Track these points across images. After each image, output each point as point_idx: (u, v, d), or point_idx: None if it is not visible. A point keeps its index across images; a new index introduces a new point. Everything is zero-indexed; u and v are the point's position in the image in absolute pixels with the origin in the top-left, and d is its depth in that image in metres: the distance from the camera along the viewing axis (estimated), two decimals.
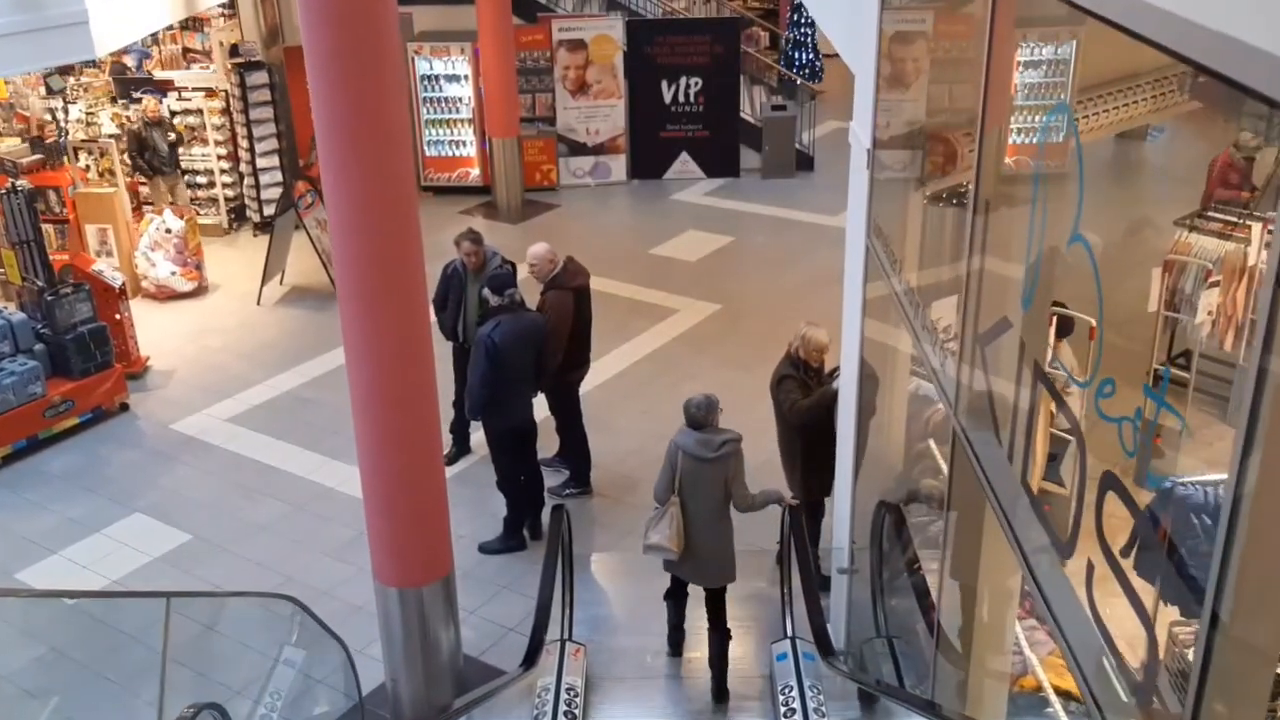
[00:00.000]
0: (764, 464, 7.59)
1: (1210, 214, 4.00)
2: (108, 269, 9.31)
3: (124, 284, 9.14)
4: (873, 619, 5.57)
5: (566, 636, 5.67)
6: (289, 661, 5.35)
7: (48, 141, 11.08)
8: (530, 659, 4.77)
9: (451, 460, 7.72)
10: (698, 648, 5.91)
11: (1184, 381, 3.31)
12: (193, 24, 14.44)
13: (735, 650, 5.81)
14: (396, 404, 4.75)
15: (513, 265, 7.24)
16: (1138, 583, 2.29)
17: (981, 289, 2.89)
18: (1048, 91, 3.24)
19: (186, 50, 12.78)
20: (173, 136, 11.42)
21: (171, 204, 11.23)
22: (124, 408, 8.63)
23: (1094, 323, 2.49)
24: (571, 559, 6.02)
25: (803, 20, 16.99)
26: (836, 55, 18.17)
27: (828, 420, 5.83)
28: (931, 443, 5.52)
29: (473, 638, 6.01)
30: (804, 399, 5.88)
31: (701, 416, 5.47)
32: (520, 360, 6.34)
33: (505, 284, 6.33)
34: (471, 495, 7.38)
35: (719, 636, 5.48)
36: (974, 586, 3.40)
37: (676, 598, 5.72)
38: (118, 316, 8.97)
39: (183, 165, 11.76)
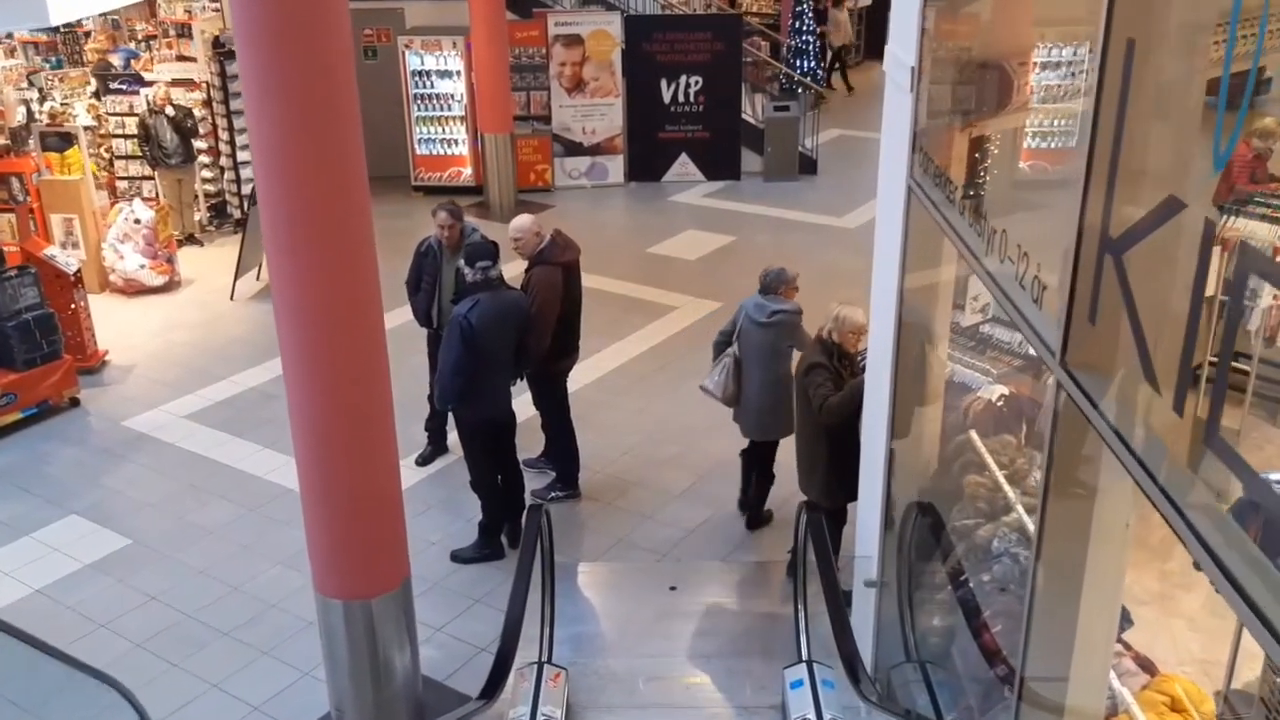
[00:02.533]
0: (776, 463, 6.88)
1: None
2: (61, 255, 8.62)
3: (79, 271, 8.45)
4: (901, 640, 4.82)
5: (545, 659, 4.92)
6: None
7: (11, 127, 10.47)
8: (491, 688, 3.96)
9: (426, 460, 7.01)
10: (698, 673, 5.17)
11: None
12: (186, 31, 13.95)
13: (738, 677, 5.08)
14: (336, 382, 4.05)
15: (495, 245, 6.55)
16: None
17: (1119, 167, 2.17)
18: None
19: (182, 58, 12.25)
20: (189, 124, 10.76)
21: (151, 199, 10.61)
22: (74, 403, 7.91)
23: None
24: (553, 568, 5.28)
25: (805, 28, 16.53)
26: (837, 67, 17.75)
27: (859, 415, 5.11)
28: (973, 434, 4.83)
29: (437, 659, 5.26)
30: (835, 393, 5.15)
31: (767, 282, 5.95)
32: (500, 344, 5.64)
33: (482, 255, 5.63)
34: (446, 498, 6.66)
35: (761, 480, 6.18)
36: (1074, 597, 2.67)
37: (745, 458, 6.29)
38: (72, 306, 8.28)
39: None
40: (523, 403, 6.57)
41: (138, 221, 9.84)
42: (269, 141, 3.74)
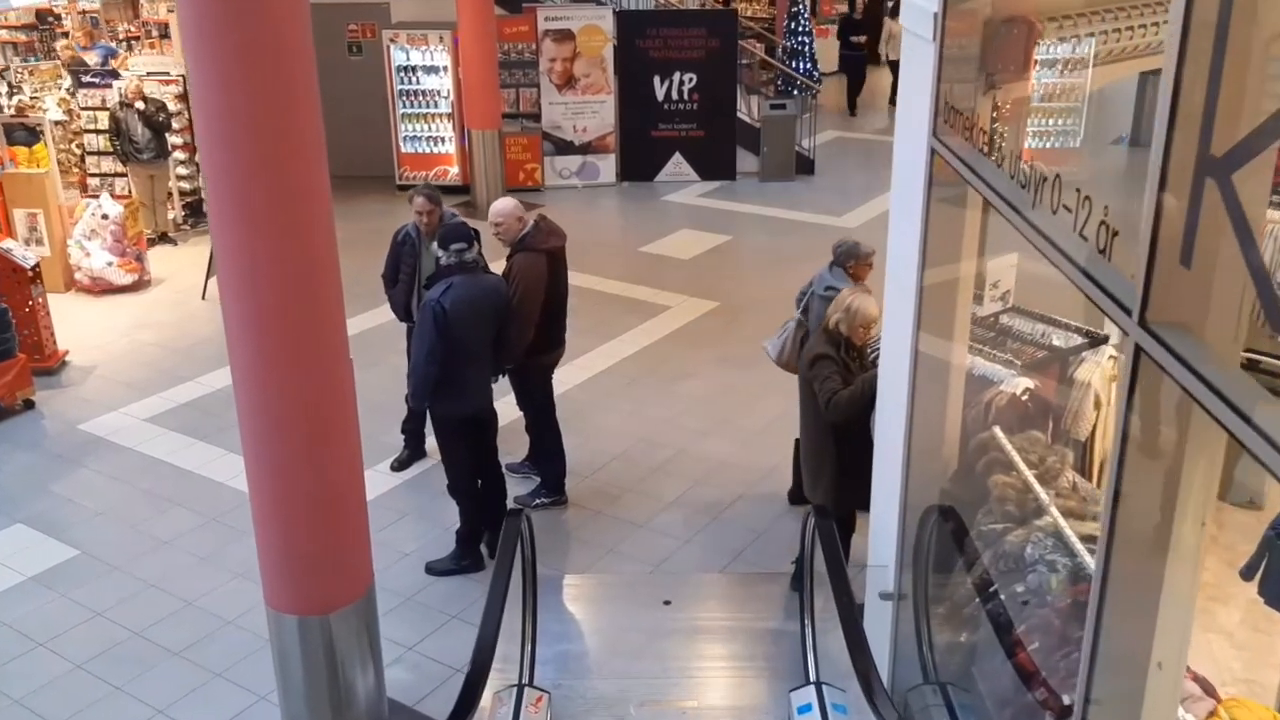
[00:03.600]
0: (773, 471, 6.47)
1: None
2: (19, 249, 8.15)
3: (37, 266, 7.97)
4: (918, 659, 4.36)
5: (526, 681, 4.44)
6: None
7: None
8: (460, 715, 3.48)
9: (403, 464, 6.54)
10: (694, 694, 4.70)
11: None
12: (169, 31, 13.53)
13: (740, 700, 4.61)
14: (288, 376, 3.59)
15: (476, 233, 6.09)
16: None
17: (1226, 54, 1.72)
18: None
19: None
20: (161, 119, 10.29)
21: (124, 196, 10.14)
22: (28, 405, 7.42)
23: None
24: (535, 580, 4.81)
25: (800, 29, 16.21)
26: (835, 72, 17.41)
27: (871, 412, 4.66)
28: (997, 430, 4.39)
29: (407, 681, 4.78)
30: (843, 388, 4.70)
31: (838, 256, 5.74)
32: (477, 333, 5.18)
33: (457, 236, 5.18)
34: (422, 505, 6.19)
35: None
36: (1149, 608, 2.21)
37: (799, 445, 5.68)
38: (30, 303, 7.81)
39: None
40: (506, 404, 6.12)
41: (105, 217, 9.37)
42: (214, 125, 3.33)
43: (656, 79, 12.40)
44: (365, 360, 8.15)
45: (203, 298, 9.33)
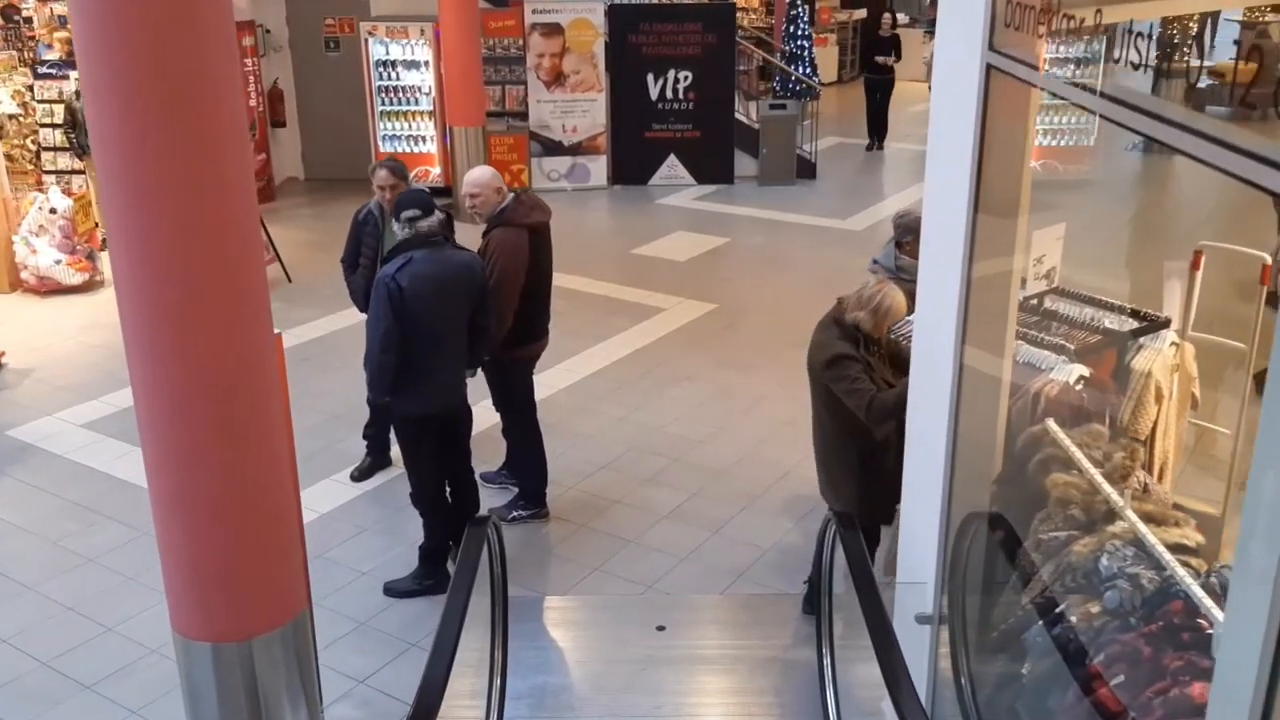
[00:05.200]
0: (780, 481, 5.80)
1: None
2: None
3: None
4: (956, 695, 3.66)
5: (495, 717, 3.73)
6: None
7: None
8: None
9: (364, 474, 5.84)
10: None
11: None
12: None
13: None
14: (190, 340, 2.91)
15: (449, 215, 5.43)
16: None
17: None
18: None
19: None
20: None
21: (82, 194, 9.48)
22: None
23: None
24: (506, 601, 4.10)
25: (800, 33, 15.73)
26: (836, 82, 16.87)
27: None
28: (1050, 423, 3.72)
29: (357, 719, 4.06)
30: (876, 389, 4.03)
31: (898, 231, 5.14)
32: (443, 317, 4.50)
33: (410, 203, 4.50)
34: (384, 518, 5.49)
35: None
36: None
37: None
38: None
39: None
40: (484, 408, 5.44)
41: (53, 211, 8.71)
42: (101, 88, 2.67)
43: (650, 77, 11.84)
44: (331, 364, 7.50)
45: None
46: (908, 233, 4.91)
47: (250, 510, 3.15)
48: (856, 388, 4.05)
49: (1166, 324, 4.30)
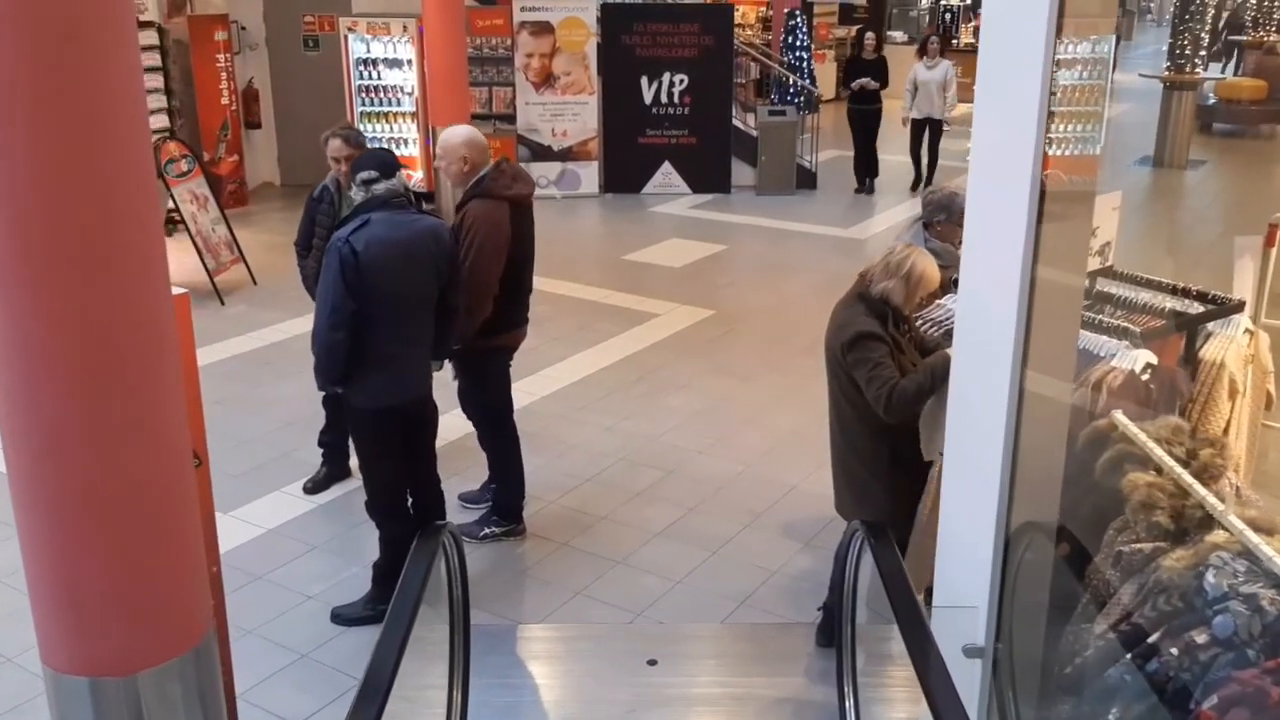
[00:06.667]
0: (787, 496, 5.18)
1: None
2: None
3: None
4: None
5: None
6: None
7: None
8: None
9: (318, 486, 5.19)
10: None
11: None
12: None
13: None
14: (55, 301, 2.29)
15: (418, 197, 4.83)
16: None
17: None
18: None
19: None
20: None
21: None
22: None
23: None
24: (468, 630, 3.44)
25: (798, 44, 15.33)
26: (835, 99, 16.25)
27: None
28: (1119, 416, 3.11)
29: None
30: (899, 376, 3.45)
31: (927, 211, 4.48)
32: (405, 290, 3.88)
33: (368, 163, 3.89)
34: (338, 536, 4.84)
35: None
36: None
37: None
38: None
39: None
40: (456, 416, 4.83)
41: None
42: None
43: (644, 79, 11.33)
44: (292, 368, 6.84)
45: None
46: (939, 211, 4.32)
47: (136, 512, 2.50)
48: (878, 374, 3.45)
49: (1240, 308, 3.72)
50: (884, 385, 3.45)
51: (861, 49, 11.81)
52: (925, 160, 11.52)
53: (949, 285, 4.18)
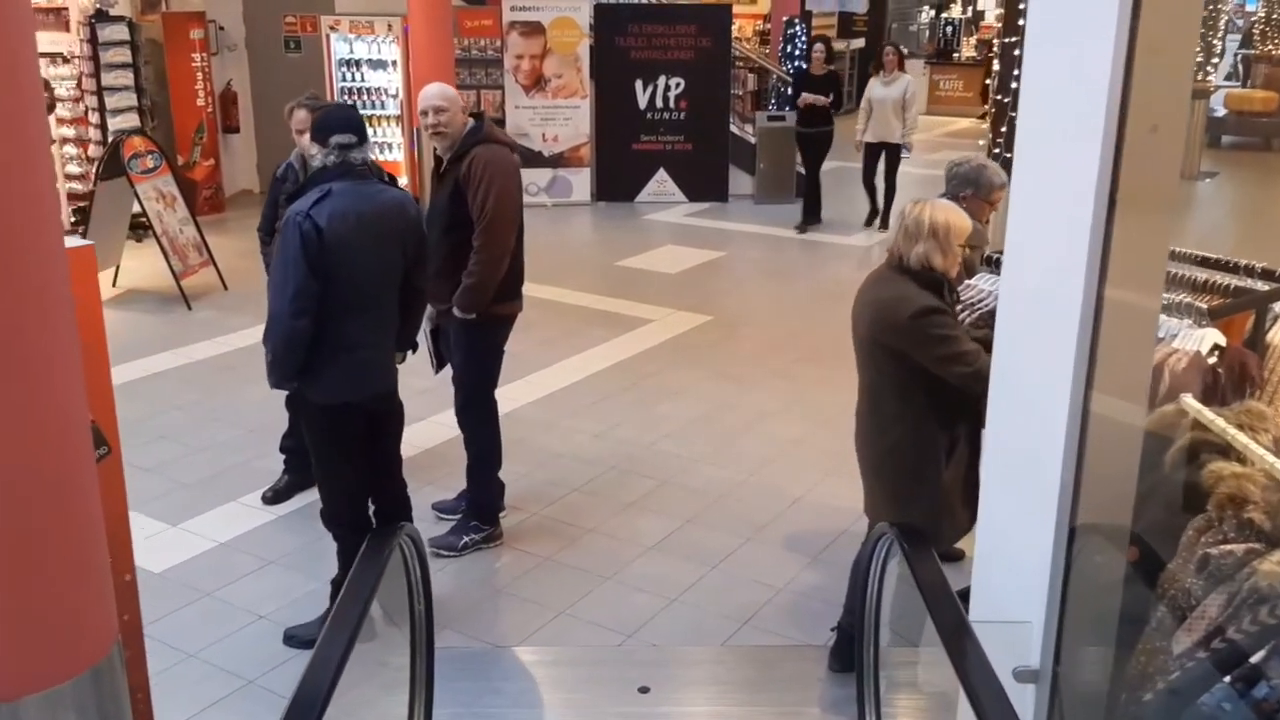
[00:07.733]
0: (792, 507, 4.73)
1: None
2: None
3: None
4: None
5: None
6: None
7: None
8: None
9: (278, 495, 4.73)
10: None
11: None
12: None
13: None
14: None
15: (392, 177, 4.38)
16: None
17: None
18: None
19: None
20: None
21: None
22: None
23: None
24: (430, 651, 2.97)
25: (798, 53, 15.02)
26: (836, 113, 15.74)
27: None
28: (1188, 400, 2.67)
29: None
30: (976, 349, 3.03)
31: (952, 184, 3.99)
32: (373, 269, 3.45)
33: (339, 124, 3.46)
34: (298, 550, 4.37)
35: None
36: None
37: None
38: None
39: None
40: (435, 424, 4.38)
41: None
42: None
43: (639, 83, 10.97)
44: (256, 374, 6.31)
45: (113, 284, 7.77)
46: (966, 184, 3.91)
47: (14, 506, 2.06)
48: (961, 349, 3.01)
49: None
50: (973, 359, 3.00)
51: (809, 61, 10.16)
52: (882, 190, 9.85)
53: (975, 267, 3.78)
